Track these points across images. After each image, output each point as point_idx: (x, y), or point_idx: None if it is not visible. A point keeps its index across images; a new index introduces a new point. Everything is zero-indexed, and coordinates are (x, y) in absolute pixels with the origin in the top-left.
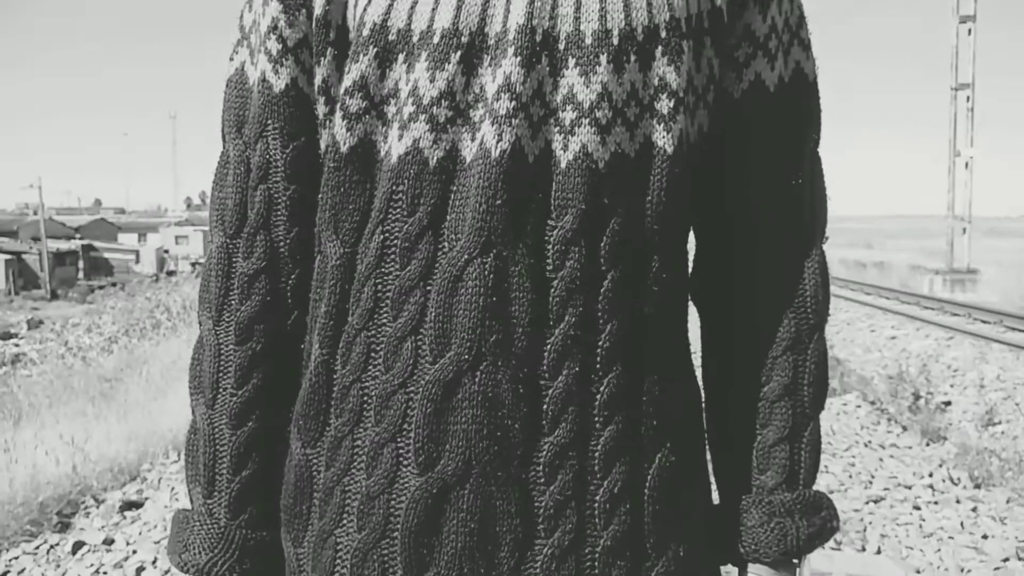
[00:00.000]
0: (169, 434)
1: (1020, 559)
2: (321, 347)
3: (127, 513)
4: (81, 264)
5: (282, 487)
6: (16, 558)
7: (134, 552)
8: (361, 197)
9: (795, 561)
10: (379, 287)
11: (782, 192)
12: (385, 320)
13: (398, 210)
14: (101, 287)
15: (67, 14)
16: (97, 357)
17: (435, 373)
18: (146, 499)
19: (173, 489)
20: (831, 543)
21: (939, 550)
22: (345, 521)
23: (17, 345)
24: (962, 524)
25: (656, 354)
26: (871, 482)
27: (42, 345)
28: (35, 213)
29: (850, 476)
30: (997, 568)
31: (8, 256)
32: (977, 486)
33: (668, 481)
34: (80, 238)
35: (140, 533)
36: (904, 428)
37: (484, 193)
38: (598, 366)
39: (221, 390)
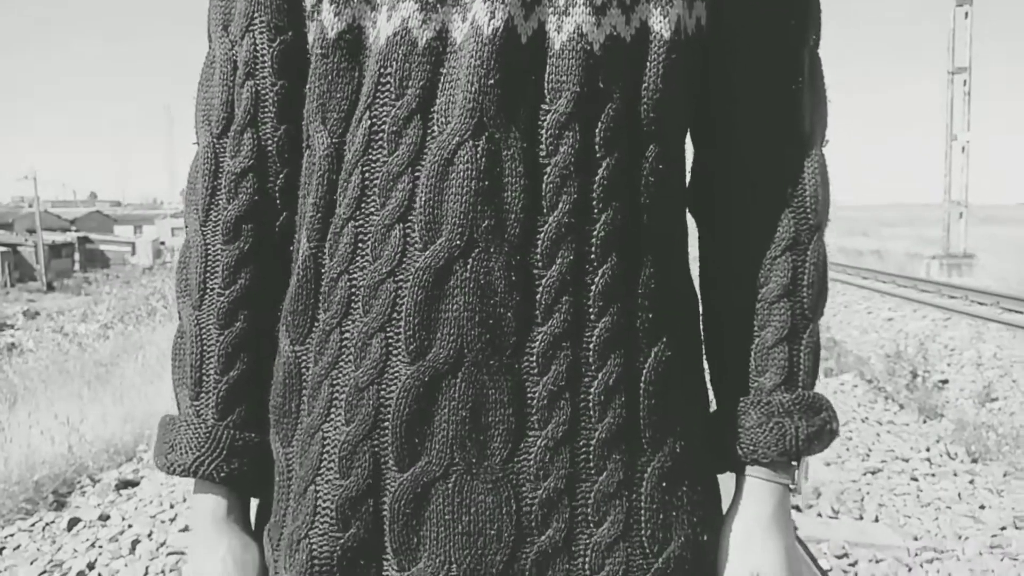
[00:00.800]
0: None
1: (1017, 528)
2: (309, 240)
3: (123, 492)
4: (77, 256)
5: (271, 388)
6: (11, 535)
7: (129, 527)
8: (348, 85)
9: (794, 464)
10: (366, 175)
11: (782, 93)
12: (372, 208)
13: (386, 94)
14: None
15: (56, 6)
16: (93, 343)
17: (425, 260)
18: (142, 478)
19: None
20: (828, 511)
21: (937, 519)
22: (333, 415)
23: (12, 336)
24: (959, 495)
25: (652, 246)
26: (868, 455)
27: (38, 332)
28: (30, 206)
29: (847, 449)
30: (995, 535)
31: (4, 248)
32: (974, 460)
33: (664, 376)
34: (76, 230)
35: (136, 509)
36: (901, 406)
37: (476, 73)
38: (593, 255)
39: (208, 290)
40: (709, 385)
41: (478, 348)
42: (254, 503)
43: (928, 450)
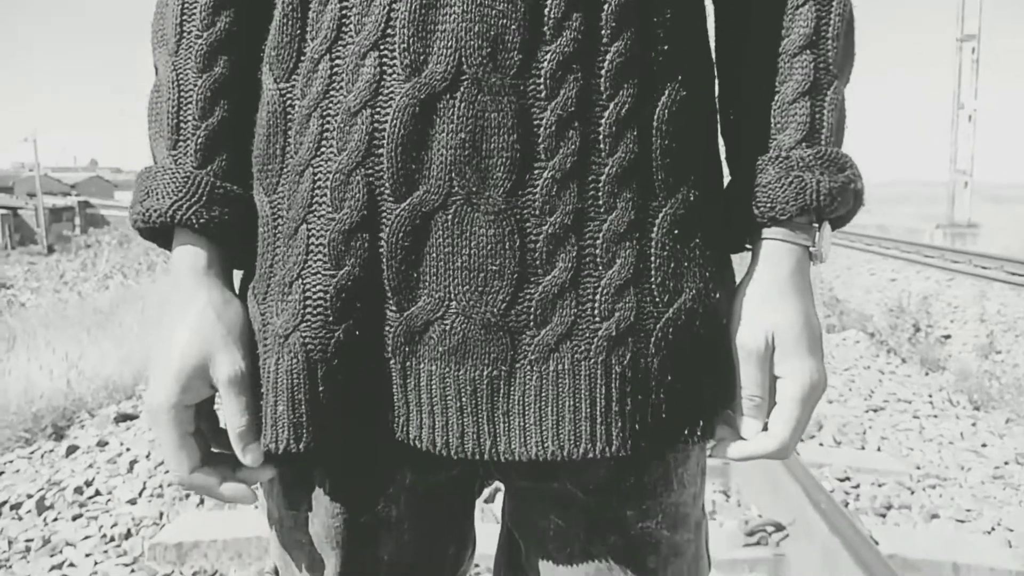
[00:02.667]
0: None
1: (1020, 463)
2: None
3: (121, 424)
4: (78, 220)
5: (254, 138)
6: (10, 462)
7: (128, 450)
8: None
9: (815, 225)
10: None
11: None
12: None
13: None
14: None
15: None
16: (92, 293)
17: None
18: (140, 412)
19: None
20: (830, 442)
21: (939, 452)
22: (324, 147)
23: (15, 296)
24: (961, 435)
25: None
26: (871, 395)
27: (37, 283)
28: (31, 170)
29: (850, 389)
30: (997, 467)
31: (4, 211)
32: (976, 408)
33: (678, 117)
34: (76, 195)
35: (134, 436)
36: (904, 360)
37: None
38: None
39: (186, 33)
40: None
41: (478, 63)
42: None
43: (930, 396)
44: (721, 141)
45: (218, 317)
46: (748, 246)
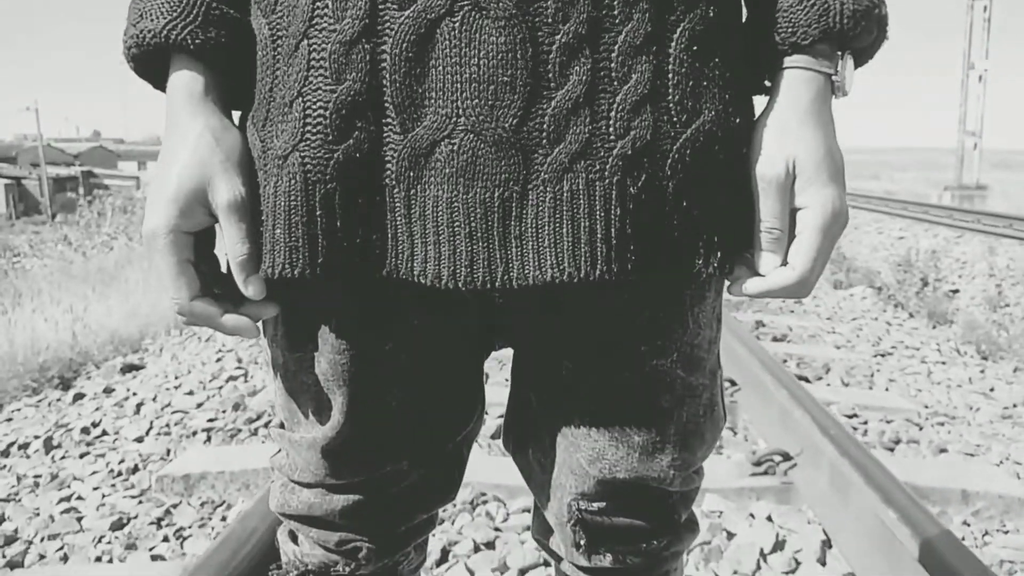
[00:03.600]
0: (170, 313)
1: None
2: None
3: (128, 374)
4: (81, 190)
5: None
6: (18, 409)
7: (134, 394)
8: None
9: (838, 53)
10: None
11: None
12: None
13: None
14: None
15: None
16: (97, 254)
17: None
18: (147, 363)
19: (175, 356)
20: (837, 383)
21: (948, 394)
22: None
23: (20, 263)
24: (970, 379)
25: None
26: (879, 342)
27: (43, 245)
28: (33, 141)
29: (857, 335)
30: (1006, 407)
31: (8, 181)
32: (984, 358)
33: None
34: (80, 165)
35: (141, 382)
36: (911, 314)
37: None
38: None
39: None
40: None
41: None
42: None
43: (938, 346)
44: None
45: (216, 142)
46: (768, 83)
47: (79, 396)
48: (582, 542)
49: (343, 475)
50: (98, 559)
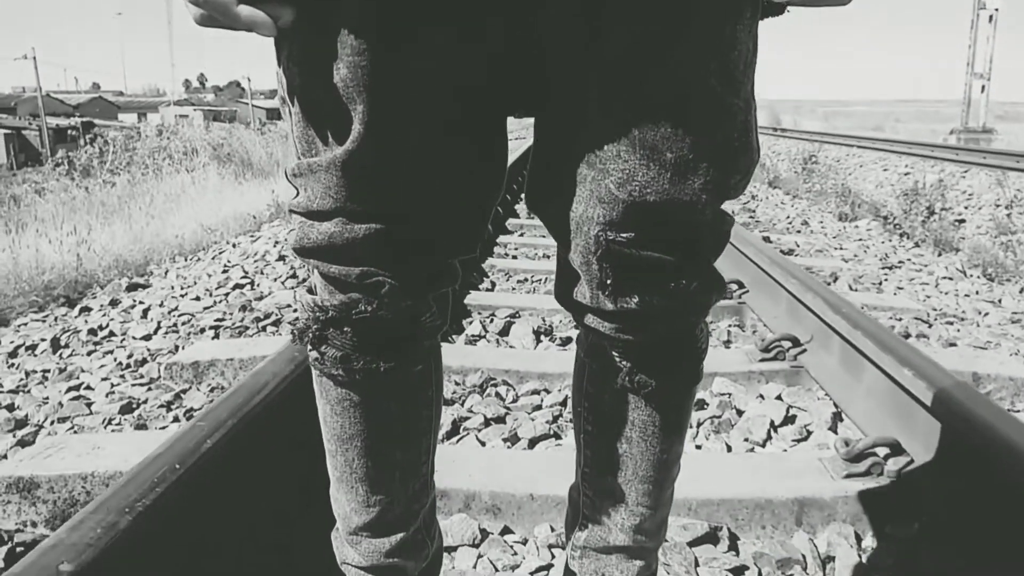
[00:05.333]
0: (175, 240)
1: None
2: None
3: (133, 291)
4: (82, 141)
5: None
6: (24, 323)
7: (140, 303)
8: None
9: None
10: None
11: None
12: None
13: None
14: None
15: None
16: (99, 192)
17: None
18: (152, 283)
19: (179, 275)
20: (845, 287)
21: (957, 301)
22: None
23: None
24: (978, 292)
25: None
26: (886, 257)
27: (46, 184)
28: (33, 92)
29: (864, 251)
30: (1015, 313)
31: (7, 131)
32: (991, 279)
33: None
34: (79, 116)
35: (147, 294)
36: (917, 244)
37: None
38: None
39: None
40: None
41: None
42: None
43: (946, 268)
44: None
45: None
46: None
47: (85, 310)
48: (608, 281)
49: (364, 199)
50: None
